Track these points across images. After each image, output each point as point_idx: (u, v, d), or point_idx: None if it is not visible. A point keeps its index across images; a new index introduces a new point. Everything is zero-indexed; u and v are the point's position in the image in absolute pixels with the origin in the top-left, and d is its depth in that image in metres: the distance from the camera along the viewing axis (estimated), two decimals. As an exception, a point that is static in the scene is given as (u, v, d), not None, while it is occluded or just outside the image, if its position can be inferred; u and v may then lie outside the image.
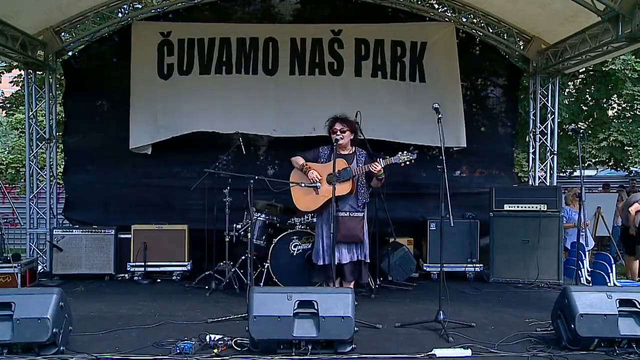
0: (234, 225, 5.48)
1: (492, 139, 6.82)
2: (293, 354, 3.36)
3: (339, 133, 4.57)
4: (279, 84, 6.36)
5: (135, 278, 5.83)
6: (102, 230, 5.92)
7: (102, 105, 6.67)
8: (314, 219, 5.21)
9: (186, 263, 5.87)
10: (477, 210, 6.15)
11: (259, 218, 5.50)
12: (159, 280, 5.87)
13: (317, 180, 4.56)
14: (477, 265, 5.87)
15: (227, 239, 5.41)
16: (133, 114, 6.36)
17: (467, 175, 6.83)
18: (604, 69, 9.16)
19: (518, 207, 5.78)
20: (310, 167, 4.64)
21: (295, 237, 5.27)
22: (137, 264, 5.82)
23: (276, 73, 6.38)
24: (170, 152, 6.55)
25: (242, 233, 5.46)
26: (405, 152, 4.39)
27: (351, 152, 4.74)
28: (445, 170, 3.91)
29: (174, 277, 5.87)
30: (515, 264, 5.72)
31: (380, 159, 4.47)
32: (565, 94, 10.07)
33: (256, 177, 4.30)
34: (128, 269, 5.86)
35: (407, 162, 4.39)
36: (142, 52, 6.38)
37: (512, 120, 6.91)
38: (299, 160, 4.75)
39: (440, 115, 4.01)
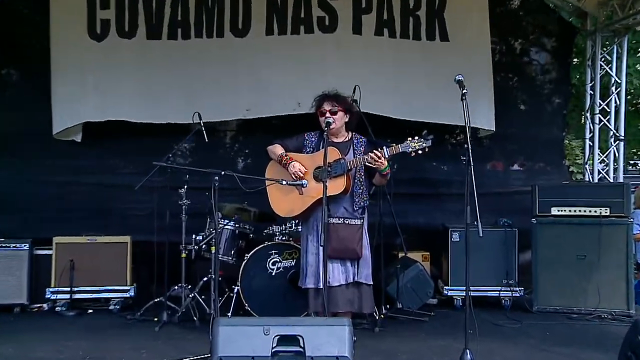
0: (193, 237, 5.54)
1: (535, 121, 6.95)
2: (271, 407, 3.42)
3: (328, 115, 4.61)
4: (252, 48, 6.42)
5: (57, 309, 5.82)
6: (12, 245, 5.88)
7: (9, 76, 6.71)
8: (299, 228, 5.26)
9: (128, 287, 5.91)
10: (514, 215, 6.25)
11: (226, 226, 5.57)
12: (90, 311, 5.88)
13: (301, 175, 4.65)
14: (515, 288, 5.95)
15: (183, 255, 5.46)
16: (55, 86, 6.38)
17: (501, 169, 6.98)
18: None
19: (570, 211, 5.86)
20: (291, 158, 4.69)
21: (274, 251, 5.33)
22: (60, 289, 5.80)
23: (248, 34, 6.44)
24: (108, 140, 6.61)
25: (203, 247, 5.52)
26: (416, 137, 4.37)
27: (346, 138, 4.76)
28: (472, 163, 3.97)
29: (111, 307, 5.90)
30: (568, 287, 5.78)
31: (384, 148, 4.47)
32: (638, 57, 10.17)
33: (222, 173, 4.34)
34: (47, 296, 5.84)
35: (420, 151, 4.36)
36: (65, 1, 6.40)
37: (563, 95, 7.03)
38: (276, 150, 4.78)
39: (465, 90, 4.08)
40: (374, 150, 4.44)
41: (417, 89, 6.41)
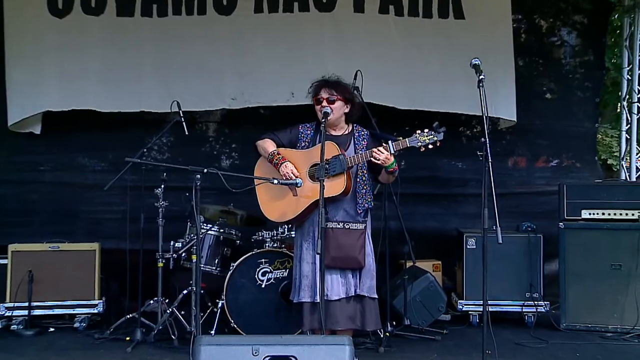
0: (172, 244, 5.56)
1: (564, 110, 6.99)
2: None
3: (326, 104, 4.66)
4: (238, 28, 6.43)
5: (13, 327, 5.80)
6: (-40, 254, 5.92)
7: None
8: (292, 233, 5.30)
9: (96, 302, 5.91)
10: (539, 219, 6.29)
11: (209, 232, 5.61)
12: (51, 330, 5.89)
13: (295, 175, 4.67)
14: (540, 303, 5.97)
15: (160, 264, 5.48)
16: (10, 70, 6.38)
17: (524, 165, 7.02)
18: None
19: (604, 214, 5.88)
20: (284, 157, 4.73)
21: (264, 260, 5.37)
22: (16, 304, 5.79)
23: (234, 11, 6.45)
24: (72, 132, 6.63)
25: (183, 255, 5.55)
26: (426, 130, 4.45)
27: (346, 131, 4.82)
28: (491, 159, 3.99)
29: (76, 324, 5.89)
30: (601, 301, 5.79)
31: (390, 142, 4.52)
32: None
33: (205, 170, 4.37)
34: (2, 312, 5.84)
35: (431, 146, 4.44)
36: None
37: (596, 81, 7.06)
38: (267, 145, 4.83)
39: (482, 76, 4.11)
40: (379, 147, 4.50)
41: (427, 75, 6.45)
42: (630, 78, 6.95)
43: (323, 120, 4.52)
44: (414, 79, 6.42)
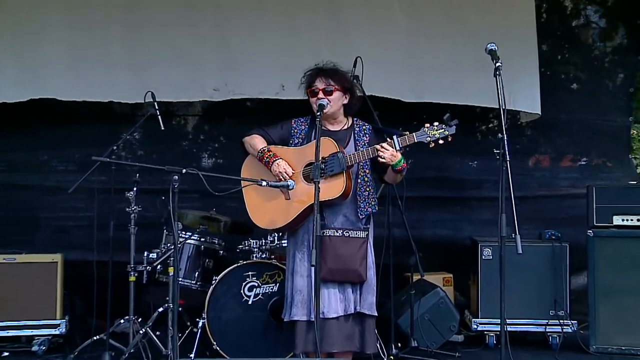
0: (145, 255, 5.56)
1: (593, 102, 7.05)
2: None
3: (321, 95, 4.64)
4: (222, 11, 6.47)
5: (-38, 350, 5.84)
6: None
7: None
8: (284, 243, 5.31)
9: (58, 321, 5.89)
10: (565, 226, 6.31)
11: (188, 241, 5.63)
12: (5, 354, 5.85)
13: (288, 175, 4.66)
14: (566, 322, 5.98)
15: (132, 278, 5.47)
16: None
17: (547, 165, 7.07)
18: None
19: (639, 220, 5.89)
20: (275, 154, 4.72)
21: (251, 273, 5.39)
22: (-33, 324, 5.83)
23: (218, -8, 6.50)
24: (31, 127, 6.66)
25: (159, 268, 5.56)
26: (436, 123, 4.41)
27: (345, 126, 4.80)
28: (509, 157, 4.01)
29: (35, 348, 5.85)
30: (636, 320, 5.79)
31: (395, 137, 4.50)
32: None
33: (184, 171, 4.35)
34: (-52, 333, 5.87)
35: (441, 141, 4.39)
36: None
37: (629, 68, 7.11)
38: (256, 142, 4.81)
39: (499, 63, 4.13)
40: (384, 142, 4.47)
41: (437, 63, 6.47)
42: (669, 65, 6.97)
43: (318, 113, 4.49)
44: (422, 68, 6.45)
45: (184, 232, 5.63)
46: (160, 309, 5.47)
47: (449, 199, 6.84)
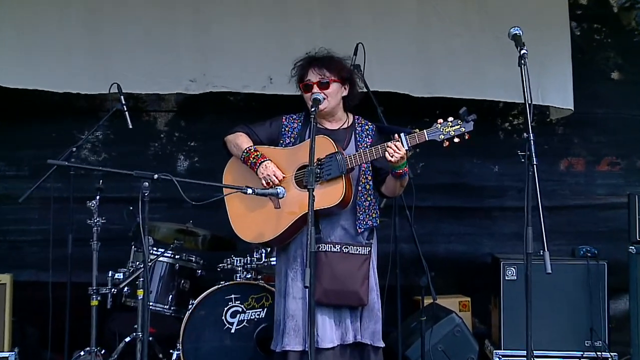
0: (110, 275, 5.55)
1: (635, 95, 7.04)
2: None
3: (316, 89, 4.63)
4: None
5: None
6: None
7: None
8: (273, 260, 5.34)
9: (6, 354, 5.87)
10: (602, 241, 6.37)
11: (160, 259, 5.64)
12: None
13: (277, 180, 4.64)
14: (605, 354, 5.98)
15: (94, 302, 5.42)
16: None
17: (582, 169, 7.07)
18: None
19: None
20: (263, 155, 4.69)
21: (234, 296, 5.41)
22: None
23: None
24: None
25: (125, 290, 5.56)
26: (450, 119, 4.39)
27: (345, 124, 4.81)
28: (537, 161, 3.98)
29: (-20, 384, 5.92)
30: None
31: (402, 135, 4.46)
32: None
33: (155, 177, 4.33)
34: None
35: (457, 139, 4.37)
36: None
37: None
38: (240, 141, 4.78)
39: (524, 50, 4.14)
40: (391, 142, 4.44)
41: (452, 52, 6.48)
42: None
43: (313, 109, 4.48)
44: (434, 58, 6.46)
45: (155, 248, 5.64)
46: (127, 339, 5.48)
47: (466, 209, 6.86)
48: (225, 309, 5.39)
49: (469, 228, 6.79)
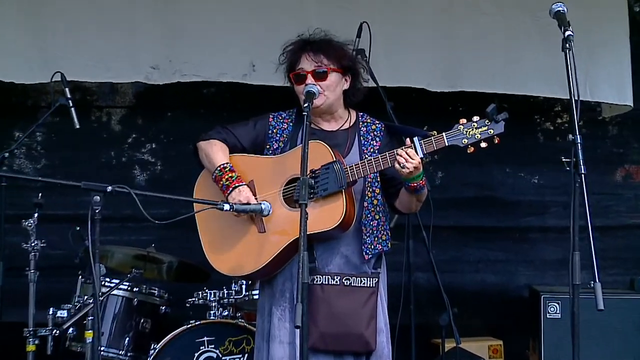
0: (51, 313, 5.54)
1: None
2: None
3: (310, 80, 4.60)
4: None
5: None
6: None
7: None
8: (255, 294, 5.35)
9: None
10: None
11: (114, 292, 5.63)
12: None
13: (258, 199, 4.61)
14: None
15: (30, 347, 5.44)
16: None
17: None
18: None
19: None
20: (239, 178, 4.60)
21: (206, 338, 5.43)
22: None
23: None
24: None
25: (70, 331, 5.57)
26: (476, 118, 4.37)
27: (347, 124, 4.79)
28: (585, 169, 4.00)
29: None
30: None
31: (417, 139, 4.44)
32: None
33: (109, 189, 4.34)
34: None
35: (483, 144, 4.34)
36: None
37: None
38: (214, 152, 4.71)
39: (570, 32, 4.15)
40: (401, 148, 4.42)
41: (478, 35, 6.49)
42: None
43: (306, 105, 4.43)
44: (456, 44, 6.50)
45: (108, 279, 5.62)
46: (73, 393, 5.49)
47: (498, 229, 6.89)
48: (197, 354, 5.41)
49: (501, 253, 6.82)
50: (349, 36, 5.02)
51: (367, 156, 4.60)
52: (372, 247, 4.63)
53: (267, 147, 4.76)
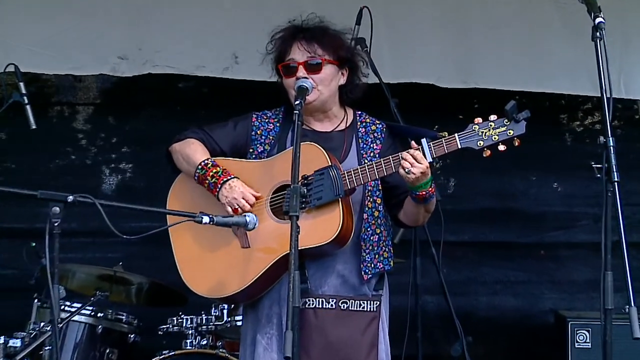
0: (2, 342, 5.52)
1: None
2: None
3: (302, 72, 4.58)
4: None
5: None
6: None
7: None
8: (239, 320, 5.34)
9: None
10: None
11: (76, 317, 5.60)
12: None
13: (249, 207, 4.60)
14: None
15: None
16: None
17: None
18: None
19: None
20: (226, 171, 4.63)
21: (182, 373, 5.43)
22: None
23: None
24: None
25: (25, 364, 5.59)
26: (493, 117, 4.36)
27: (342, 124, 4.79)
28: (619, 177, 4.02)
29: None
30: None
31: (424, 142, 4.43)
32: None
33: (70, 199, 4.34)
34: None
35: (502, 146, 4.34)
36: None
37: None
38: (193, 152, 4.72)
39: (601, 19, 4.14)
40: (407, 151, 4.42)
41: (495, 24, 6.52)
42: None
43: (298, 102, 4.43)
44: (471, 34, 6.54)
45: (69, 303, 5.61)
46: None
47: (519, 246, 6.88)
48: (170, 393, 5.40)
49: (523, 273, 6.81)
50: (347, 23, 4.96)
51: (366, 161, 4.58)
52: (372, 265, 4.61)
53: (251, 150, 4.74)
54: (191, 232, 4.67)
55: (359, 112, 4.79)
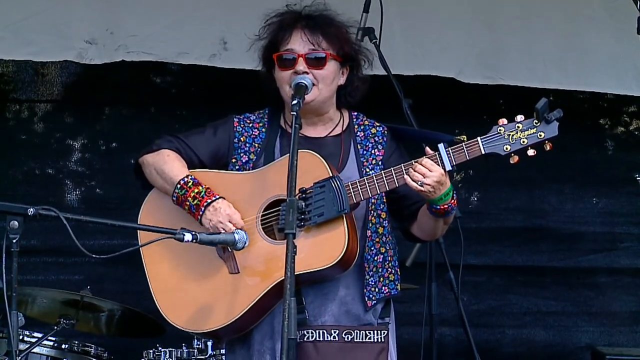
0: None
1: None
2: None
3: (302, 66, 4.56)
4: None
5: None
6: None
7: None
8: (223, 354, 5.43)
9: None
10: None
11: (36, 351, 5.64)
12: None
13: (236, 226, 4.54)
14: None
15: None
16: None
17: None
18: None
19: None
20: (209, 190, 4.55)
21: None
22: None
23: None
24: None
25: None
26: (520, 118, 4.38)
27: (338, 128, 4.78)
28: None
29: None
30: None
31: (442, 147, 4.41)
32: None
33: (30, 211, 4.39)
34: None
35: (531, 151, 4.33)
36: None
37: None
38: (169, 167, 4.65)
39: (640, 8, 4.24)
40: (423, 158, 4.39)
41: (526, 14, 6.60)
42: None
43: (295, 102, 4.38)
44: (498, 24, 6.63)
45: (29, 332, 5.69)
46: None
47: (551, 270, 6.94)
48: None
49: (555, 303, 6.87)
50: (353, 13, 5.00)
51: (367, 169, 4.58)
52: (377, 290, 4.60)
53: (233, 161, 4.70)
54: (169, 256, 4.62)
55: (355, 114, 4.78)
